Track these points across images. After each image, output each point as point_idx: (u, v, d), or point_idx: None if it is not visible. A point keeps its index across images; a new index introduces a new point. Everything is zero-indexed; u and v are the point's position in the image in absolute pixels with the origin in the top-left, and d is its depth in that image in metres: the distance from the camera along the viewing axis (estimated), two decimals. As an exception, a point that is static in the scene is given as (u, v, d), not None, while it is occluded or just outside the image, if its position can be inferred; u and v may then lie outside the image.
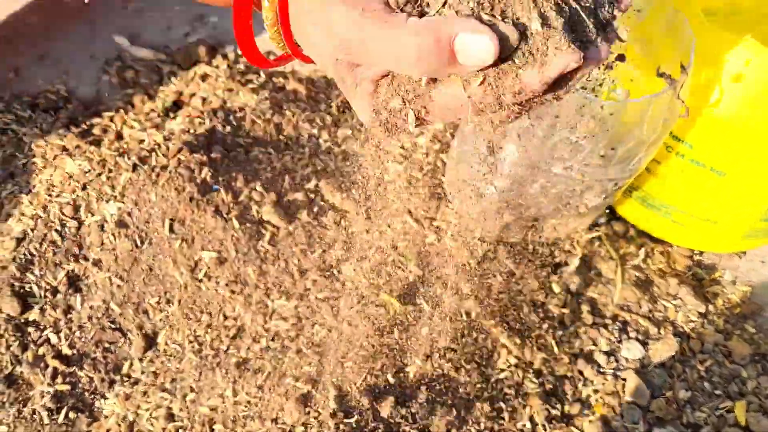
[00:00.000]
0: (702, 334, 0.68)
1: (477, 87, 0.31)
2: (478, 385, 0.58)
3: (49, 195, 0.70)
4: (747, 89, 0.59)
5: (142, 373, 0.61)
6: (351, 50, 0.33)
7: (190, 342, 0.63)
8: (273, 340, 0.61)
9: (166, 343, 0.63)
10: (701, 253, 0.75)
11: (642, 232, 0.74)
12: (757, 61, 0.57)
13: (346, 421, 0.53)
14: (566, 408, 0.60)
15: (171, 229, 0.64)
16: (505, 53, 0.29)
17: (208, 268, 0.64)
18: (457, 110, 0.33)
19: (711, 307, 0.70)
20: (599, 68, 0.33)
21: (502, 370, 0.60)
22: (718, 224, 0.68)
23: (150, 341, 0.63)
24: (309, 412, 0.54)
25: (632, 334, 0.66)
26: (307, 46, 0.37)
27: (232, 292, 0.64)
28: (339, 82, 0.36)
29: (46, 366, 0.61)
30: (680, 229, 0.71)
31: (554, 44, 0.29)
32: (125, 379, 0.61)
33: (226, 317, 0.63)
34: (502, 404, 0.58)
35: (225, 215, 0.65)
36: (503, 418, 0.57)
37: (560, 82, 0.31)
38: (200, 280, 0.64)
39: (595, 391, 0.62)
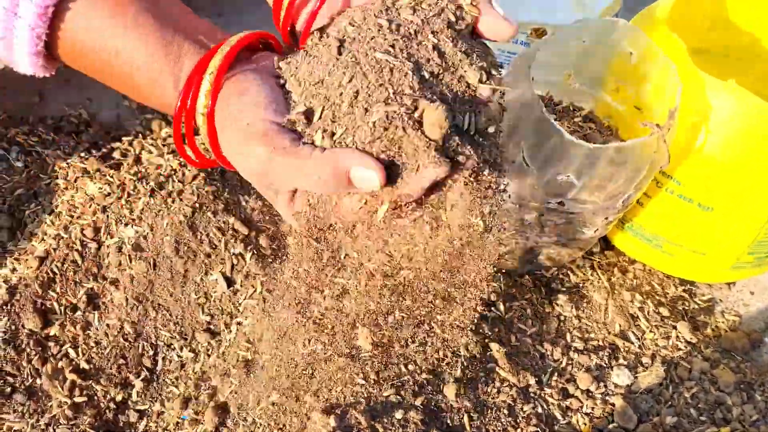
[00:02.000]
0: (690, 361, 0.71)
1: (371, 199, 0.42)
2: (469, 405, 0.61)
3: (71, 216, 0.74)
4: (731, 130, 0.62)
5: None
6: (267, 177, 0.43)
7: (194, 362, 0.66)
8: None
9: (169, 362, 0.67)
10: (692, 283, 0.78)
11: (634, 262, 0.77)
12: (741, 105, 0.61)
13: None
14: (556, 430, 0.63)
15: (178, 253, 0.68)
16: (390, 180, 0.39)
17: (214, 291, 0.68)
18: (360, 212, 0.43)
19: (699, 336, 0.73)
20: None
21: (497, 394, 0.63)
22: (706, 256, 0.72)
23: (155, 362, 0.67)
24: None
25: (621, 361, 0.69)
26: (234, 164, 0.46)
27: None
28: (262, 192, 0.47)
29: (65, 379, 0.65)
30: (670, 260, 0.74)
31: (426, 161, 0.38)
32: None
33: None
34: (494, 427, 0.61)
35: (234, 242, 0.69)
36: (495, 440, 0.61)
37: (436, 187, 0.41)
38: (205, 304, 0.68)
39: (585, 415, 0.65)
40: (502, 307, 0.69)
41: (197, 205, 0.69)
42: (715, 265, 0.73)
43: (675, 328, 0.73)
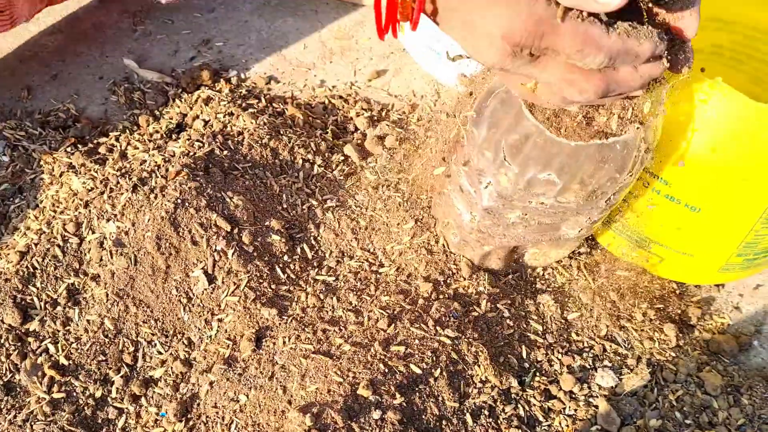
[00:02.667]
0: (676, 364, 0.70)
1: None
2: (452, 406, 0.60)
3: (54, 211, 0.74)
4: (719, 129, 0.61)
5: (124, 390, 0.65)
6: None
7: (174, 359, 0.66)
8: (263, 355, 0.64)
9: (150, 359, 0.66)
10: (680, 285, 0.77)
11: (620, 262, 0.76)
12: (728, 104, 0.60)
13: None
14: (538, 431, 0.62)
15: (159, 249, 0.67)
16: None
17: (196, 287, 0.67)
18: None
19: (687, 338, 0.72)
20: None
21: (478, 394, 0.62)
22: (695, 257, 0.71)
23: (135, 359, 0.66)
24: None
25: (606, 362, 0.69)
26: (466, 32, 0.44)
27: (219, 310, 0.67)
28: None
29: (44, 375, 0.64)
30: (658, 261, 0.73)
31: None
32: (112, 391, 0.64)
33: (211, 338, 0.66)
34: (475, 429, 0.60)
35: (215, 237, 0.69)
36: (475, 441, 0.60)
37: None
38: (187, 301, 0.68)
39: (568, 417, 0.64)
40: (484, 306, 0.68)
41: (179, 200, 0.69)
42: (704, 267, 0.72)
43: (662, 329, 0.72)
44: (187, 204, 0.69)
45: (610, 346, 0.70)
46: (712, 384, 0.68)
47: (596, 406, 0.65)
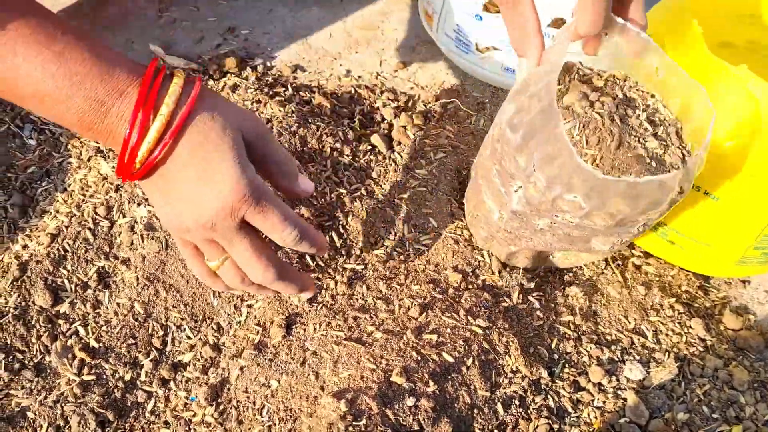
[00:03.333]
0: (703, 358, 0.70)
1: None
2: (483, 395, 0.61)
3: (83, 194, 0.74)
4: (741, 117, 0.61)
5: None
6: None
7: (203, 344, 0.66)
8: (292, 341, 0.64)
9: (179, 343, 0.66)
10: (707, 280, 0.77)
11: (648, 257, 0.76)
12: (751, 93, 0.59)
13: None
14: (567, 423, 0.63)
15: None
16: None
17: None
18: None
19: (714, 334, 0.72)
20: None
21: (509, 384, 0.62)
22: (711, 247, 0.70)
23: (164, 343, 0.66)
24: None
25: (634, 356, 0.69)
26: (170, 202, 0.50)
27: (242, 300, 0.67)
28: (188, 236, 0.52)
29: (74, 357, 0.65)
30: (676, 250, 0.73)
31: None
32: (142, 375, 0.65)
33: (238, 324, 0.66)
34: (506, 418, 0.60)
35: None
36: (506, 431, 0.60)
37: None
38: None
39: (596, 408, 0.64)
40: (514, 298, 0.68)
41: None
42: (721, 258, 0.72)
43: (689, 324, 0.72)
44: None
45: (638, 339, 0.70)
46: (739, 379, 0.68)
47: (625, 399, 0.65)
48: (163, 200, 0.50)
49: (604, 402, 0.65)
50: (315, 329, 0.64)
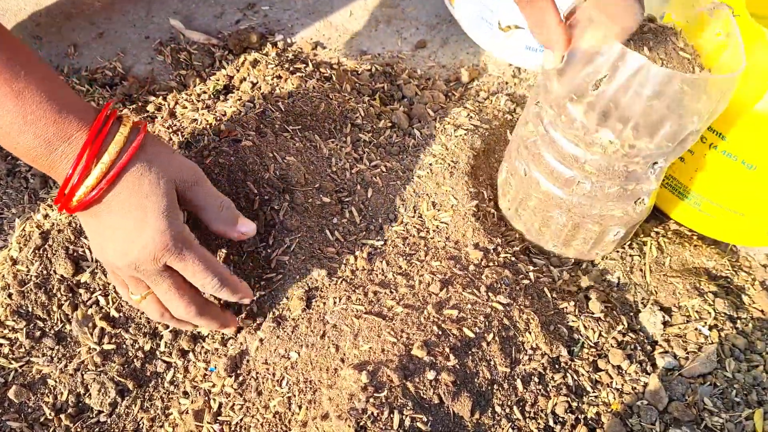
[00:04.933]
0: (728, 341, 0.69)
1: None
2: (503, 371, 0.60)
3: (104, 166, 0.74)
4: None
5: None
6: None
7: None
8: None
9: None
10: (734, 261, 0.76)
11: (674, 236, 0.75)
12: None
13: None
14: (585, 402, 0.62)
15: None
16: None
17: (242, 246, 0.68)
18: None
19: (741, 314, 0.71)
20: None
21: (528, 361, 0.62)
22: (745, 217, 0.70)
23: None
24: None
25: (656, 338, 0.68)
26: (108, 238, 0.54)
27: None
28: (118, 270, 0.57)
29: (94, 326, 0.65)
30: (708, 220, 0.72)
31: None
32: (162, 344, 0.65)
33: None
34: (525, 395, 0.60)
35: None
36: (525, 407, 0.60)
37: None
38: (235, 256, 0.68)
39: (615, 390, 0.64)
40: (532, 276, 0.68)
41: (233, 159, 0.69)
42: (755, 228, 0.71)
43: (714, 306, 0.71)
44: (240, 162, 0.69)
45: (663, 319, 0.69)
46: (764, 362, 0.68)
47: (645, 383, 0.65)
48: (95, 235, 0.55)
49: (622, 384, 0.64)
50: (335, 303, 0.64)
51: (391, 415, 0.54)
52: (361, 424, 0.54)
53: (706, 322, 0.70)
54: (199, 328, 0.65)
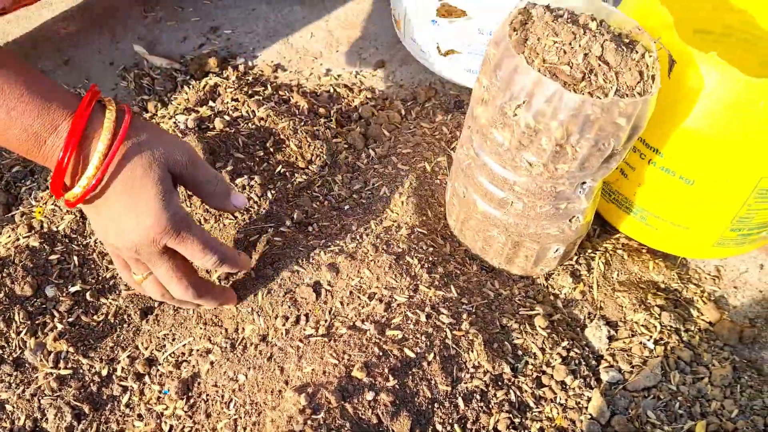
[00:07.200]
0: (673, 354, 0.70)
1: None
2: (444, 390, 0.62)
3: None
4: (713, 103, 0.61)
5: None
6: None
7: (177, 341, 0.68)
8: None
9: (161, 337, 0.68)
10: (681, 274, 0.77)
11: (630, 250, 0.77)
12: (721, 78, 0.60)
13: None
14: (528, 417, 0.64)
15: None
16: None
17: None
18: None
19: (689, 326, 0.72)
20: None
21: (470, 379, 0.63)
22: (689, 230, 0.71)
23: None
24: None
25: (601, 352, 0.69)
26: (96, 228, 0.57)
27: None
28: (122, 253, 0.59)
29: (49, 352, 0.67)
30: (654, 233, 0.74)
31: None
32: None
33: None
34: (467, 412, 0.61)
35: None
36: (466, 425, 0.61)
37: None
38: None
39: (559, 405, 0.65)
40: (481, 293, 0.69)
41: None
42: (698, 241, 0.72)
43: (660, 319, 0.72)
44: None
45: (609, 334, 0.71)
46: (714, 375, 0.69)
47: (588, 397, 0.66)
48: (96, 219, 0.56)
49: (566, 400, 0.66)
50: (283, 323, 0.65)
51: (330, 436, 0.56)
52: (300, 445, 0.55)
53: (651, 336, 0.71)
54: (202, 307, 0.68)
